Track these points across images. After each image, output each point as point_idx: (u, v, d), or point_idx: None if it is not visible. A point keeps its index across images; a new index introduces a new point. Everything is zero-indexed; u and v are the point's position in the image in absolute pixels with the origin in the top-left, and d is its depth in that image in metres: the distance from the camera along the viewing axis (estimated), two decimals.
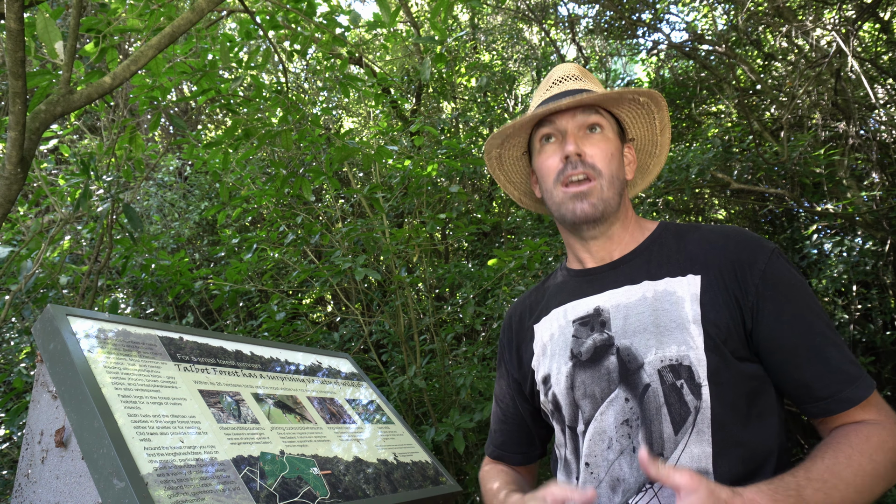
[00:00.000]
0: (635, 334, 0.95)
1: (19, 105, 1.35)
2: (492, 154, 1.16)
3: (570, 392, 1.00)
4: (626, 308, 0.98)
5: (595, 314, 1.01)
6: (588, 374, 0.98)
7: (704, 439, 0.87)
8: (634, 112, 1.10)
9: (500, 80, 5.84)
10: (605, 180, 1.01)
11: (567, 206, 1.02)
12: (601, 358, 0.97)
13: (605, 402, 0.95)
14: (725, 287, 0.93)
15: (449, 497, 1.53)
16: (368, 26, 2.58)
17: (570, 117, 1.04)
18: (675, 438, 0.88)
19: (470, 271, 3.38)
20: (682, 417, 0.88)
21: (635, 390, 0.92)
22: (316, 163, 3.09)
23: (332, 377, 1.76)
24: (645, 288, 0.98)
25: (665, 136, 1.14)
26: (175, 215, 5.29)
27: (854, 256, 3.92)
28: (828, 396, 0.87)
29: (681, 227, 1.06)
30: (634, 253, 1.04)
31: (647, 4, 5.64)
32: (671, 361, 0.90)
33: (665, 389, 0.90)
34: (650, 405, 0.91)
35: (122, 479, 0.92)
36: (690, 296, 0.93)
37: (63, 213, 2.21)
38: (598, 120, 1.04)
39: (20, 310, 2.46)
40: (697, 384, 0.89)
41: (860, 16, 4.30)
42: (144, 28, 2.05)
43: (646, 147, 1.16)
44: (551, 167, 1.04)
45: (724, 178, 4.23)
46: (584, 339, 1.01)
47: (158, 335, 1.36)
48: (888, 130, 4.48)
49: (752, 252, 0.95)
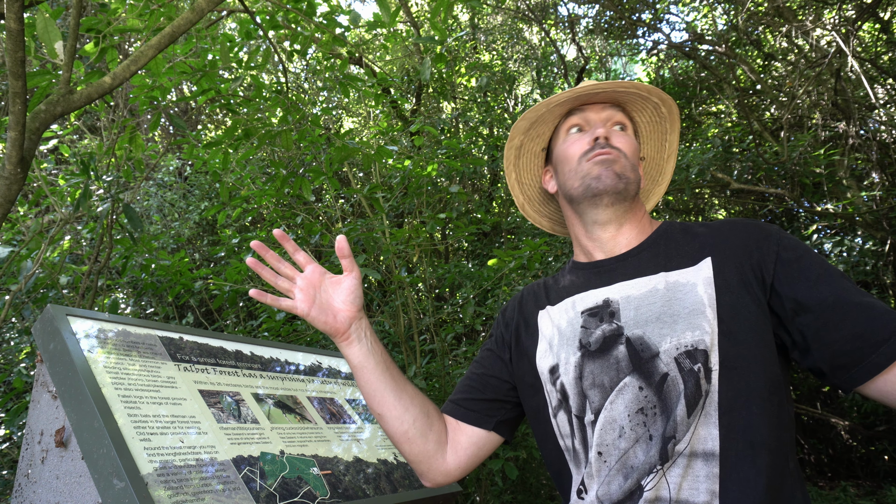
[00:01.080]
0: (647, 324, 0.95)
1: (19, 105, 1.35)
2: (514, 142, 1.16)
3: (578, 382, 1.00)
4: (637, 300, 0.98)
5: (604, 305, 1.02)
6: (597, 364, 0.98)
7: (711, 422, 0.87)
8: (651, 127, 1.15)
9: (500, 80, 5.84)
10: (629, 163, 1.04)
11: (592, 175, 1.03)
12: (610, 348, 0.97)
13: (615, 391, 0.95)
14: (739, 266, 0.93)
15: (449, 497, 1.53)
16: (368, 26, 2.58)
17: (599, 109, 1.08)
18: (687, 421, 0.88)
19: (470, 271, 3.38)
20: (695, 401, 0.88)
21: (650, 379, 0.92)
22: (316, 163, 3.09)
23: (332, 377, 1.76)
24: (656, 280, 0.98)
25: (670, 165, 1.19)
26: (175, 215, 5.29)
27: (854, 256, 3.92)
28: (889, 336, 0.81)
29: (685, 223, 1.07)
30: (642, 247, 1.05)
31: (647, 4, 5.64)
32: (687, 347, 0.90)
33: (684, 376, 0.89)
34: (671, 393, 0.90)
35: (122, 479, 0.92)
36: (703, 279, 0.94)
37: (63, 213, 2.21)
38: (625, 120, 1.09)
39: (20, 310, 2.46)
40: (710, 368, 0.88)
41: (860, 16, 4.30)
42: (144, 28, 2.05)
43: (650, 171, 1.21)
44: (578, 149, 1.06)
45: (724, 178, 4.23)
46: (592, 329, 1.01)
47: (158, 335, 1.36)
48: (888, 130, 4.47)
49: (761, 231, 0.96)
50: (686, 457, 0.88)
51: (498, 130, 5.72)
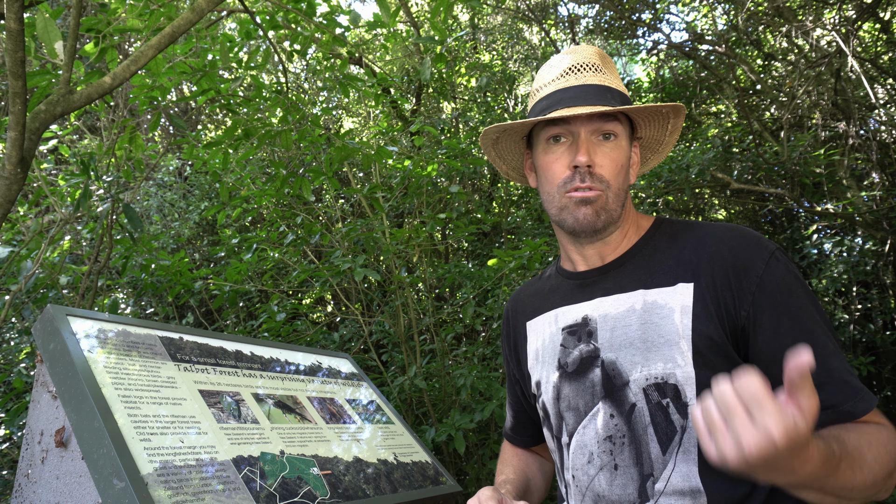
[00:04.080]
0: (621, 348, 0.92)
1: (19, 105, 1.35)
2: (489, 135, 1.06)
3: (556, 403, 1.00)
4: (614, 319, 0.95)
5: (583, 324, 0.99)
6: (573, 387, 0.98)
7: (691, 458, 0.85)
8: (651, 115, 1.04)
9: (500, 80, 5.84)
10: (612, 193, 0.95)
11: (569, 211, 0.96)
12: (586, 370, 0.96)
13: (588, 415, 0.95)
14: (718, 297, 0.88)
15: (449, 497, 1.53)
16: (368, 26, 2.58)
17: (585, 120, 0.95)
18: (663, 458, 0.87)
19: (470, 271, 3.38)
20: (668, 437, 0.87)
21: (621, 407, 0.91)
22: (316, 163, 3.09)
23: (332, 377, 1.76)
24: (634, 299, 0.94)
25: (673, 137, 1.08)
26: (175, 215, 5.29)
27: (854, 256, 3.92)
28: (829, 408, 0.80)
29: (676, 225, 1.00)
30: (625, 257, 1.00)
31: (647, 4, 5.64)
32: (656, 380, 0.88)
33: (651, 409, 0.88)
34: (637, 425, 0.89)
35: (122, 479, 0.92)
36: (681, 307, 0.89)
37: (63, 213, 2.21)
38: (615, 128, 0.96)
39: (20, 310, 2.46)
40: (684, 403, 0.86)
41: (860, 16, 4.30)
42: (144, 28, 2.05)
43: (650, 145, 1.11)
44: (557, 173, 0.96)
45: (724, 178, 4.23)
46: (570, 349, 0.99)
47: (158, 335, 1.36)
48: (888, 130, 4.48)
49: (749, 257, 0.89)
50: (669, 496, 0.86)
51: None
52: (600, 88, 0.96)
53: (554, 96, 0.98)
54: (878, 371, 4.13)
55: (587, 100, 0.95)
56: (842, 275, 3.92)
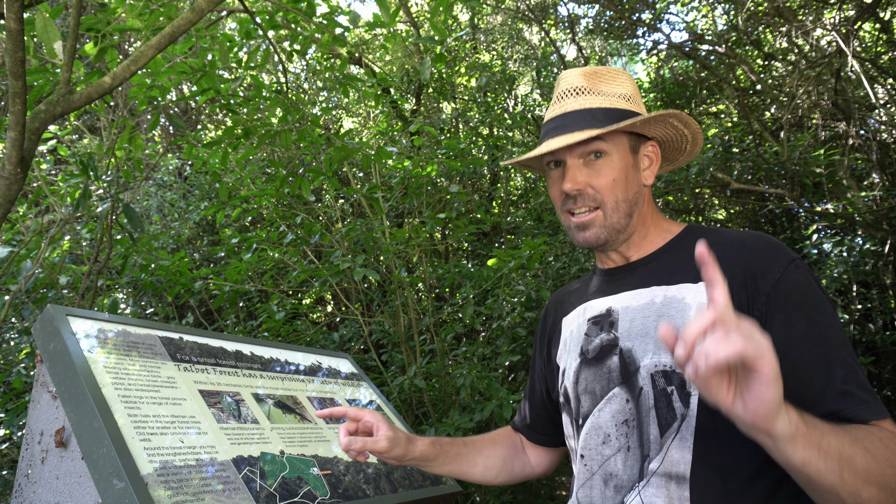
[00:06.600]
0: (637, 337, 0.97)
1: (19, 105, 1.35)
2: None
3: (575, 386, 1.05)
4: (634, 311, 1.00)
5: (606, 314, 1.05)
6: (591, 372, 1.02)
7: (686, 446, 0.88)
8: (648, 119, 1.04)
9: (499, 80, 5.84)
10: (609, 207, 1.00)
11: (572, 233, 1.05)
12: (605, 357, 1.01)
13: (604, 399, 0.99)
14: (732, 295, 0.88)
15: (449, 497, 1.53)
16: (368, 26, 2.58)
17: (567, 150, 1.00)
18: (659, 441, 0.90)
19: (470, 271, 3.38)
20: (667, 422, 0.90)
21: (633, 392, 0.95)
22: (316, 163, 3.09)
23: (332, 377, 1.76)
24: (655, 293, 0.99)
25: (690, 130, 1.06)
26: (175, 215, 5.29)
27: (854, 256, 3.92)
28: (827, 414, 0.78)
29: (705, 230, 1.03)
30: (652, 256, 1.05)
31: (647, 4, 5.64)
32: (664, 367, 0.92)
33: (656, 393, 0.92)
34: (642, 407, 0.93)
35: (122, 480, 0.92)
36: (697, 304, 0.91)
37: (63, 213, 2.21)
38: (600, 146, 0.99)
39: (20, 310, 2.46)
40: (687, 393, 0.89)
41: (860, 16, 4.30)
42: (144, 28, 2.05)
43: (670, 143, 1.10)
44: (555, 196, 1.06)
45: (724, 178, 4.23)
46: (593, 337, 1.05)
47: (158, 335, 1.35)
48: (888, 130, 4.47)
49: (768, 260, 0.91)
50: (660, 477, 0.89)
51: (498, 130, 5.71)
52: (581, 113, 1.00)
53: (547, 125, 1.05)
54: (879, 371, 4.13)
55: (568, 127, 1.00)
56: (842, 275, 3.91)
